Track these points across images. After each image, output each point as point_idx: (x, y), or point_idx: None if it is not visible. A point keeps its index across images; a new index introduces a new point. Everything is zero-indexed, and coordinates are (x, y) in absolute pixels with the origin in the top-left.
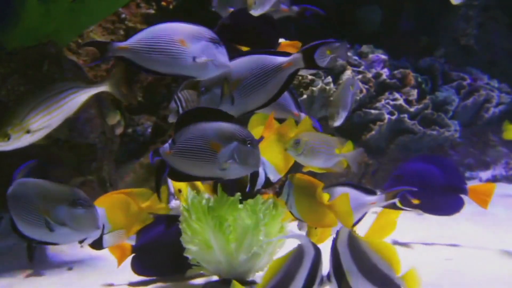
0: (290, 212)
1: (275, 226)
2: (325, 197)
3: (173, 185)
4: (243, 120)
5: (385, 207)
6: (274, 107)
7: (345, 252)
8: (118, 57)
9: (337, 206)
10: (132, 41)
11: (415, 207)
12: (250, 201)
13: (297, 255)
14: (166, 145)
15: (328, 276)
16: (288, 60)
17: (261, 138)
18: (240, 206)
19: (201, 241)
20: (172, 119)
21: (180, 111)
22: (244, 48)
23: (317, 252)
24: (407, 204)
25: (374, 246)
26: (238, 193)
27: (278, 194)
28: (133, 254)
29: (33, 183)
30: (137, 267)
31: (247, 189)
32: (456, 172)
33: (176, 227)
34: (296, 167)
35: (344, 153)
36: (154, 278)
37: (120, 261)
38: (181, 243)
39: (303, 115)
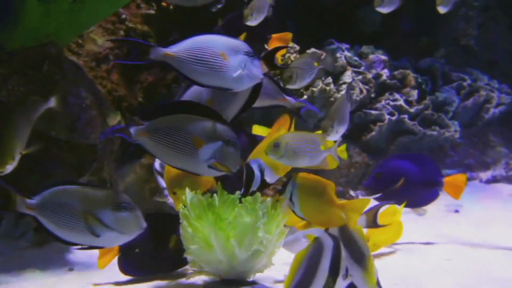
0: (293, 211)
1: (274, 224)
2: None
3: (167, 186)
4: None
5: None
6: (259, 98)
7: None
8: (161, 62)
9: (350, 207)
10: (179, 50)
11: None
12: (249, 198)
13: (317, 247)
14: (143, 126)
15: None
16: None
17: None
18: (239, 204)
19: (201, 239)
20: None
21: None
22: None
23: (337, 243)
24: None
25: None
26: (238, 191)
27: (280, 192)
28: (119, 254)
29: (74, 189)
30: (124, 267)
31: (242, 191)
32: (433, 167)
33: (161, 224)
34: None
35: (329, 148)
36: (154, 277)
37: (107, 261)
38: (166, 242)
39: (290, 99)
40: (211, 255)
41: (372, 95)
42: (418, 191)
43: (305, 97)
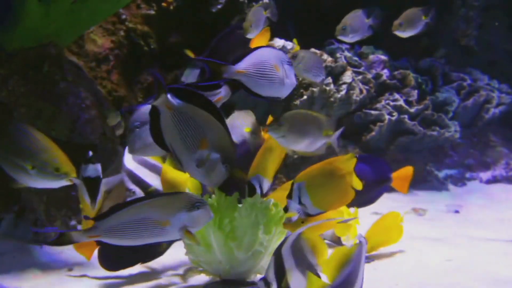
0: (308, 215)
1: (274, 224)
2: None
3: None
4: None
5: None
6: None
7: (288, 254)
8: (233, 80)
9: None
10: (246, 66)
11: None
12: (249, 199)
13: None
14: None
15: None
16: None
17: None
18: (239, 205)
19: (200, 239)
20: None
21: None
22: None
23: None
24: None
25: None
26: (237, 193)
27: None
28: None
29: (150, 202)
30: (104, 261)
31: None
32: (383, 165)
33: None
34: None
35: (329, 135)
36: (154, 277)
37: (88, 254)
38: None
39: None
40: (210, 255)
41: (374, 94)
42: (371, 190)
43: (305, 97)
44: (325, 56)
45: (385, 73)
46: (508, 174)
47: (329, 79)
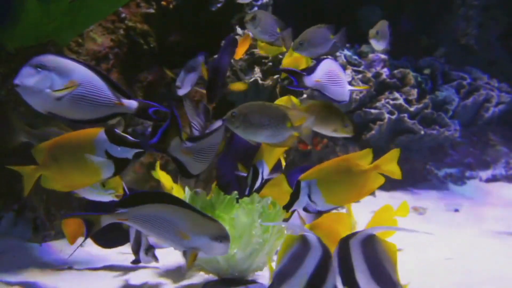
0: (318, 212)
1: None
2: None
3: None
4: None
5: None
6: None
7: (359, 258)
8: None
9: (384, 164)
10: (321, 75)
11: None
12: (246, 199)
13: (302, 243)
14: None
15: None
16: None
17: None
18: (237, 204)
19: None
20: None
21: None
22: None
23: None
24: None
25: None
26: (235, 192)
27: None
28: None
29: (184, 212)
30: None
31: (247, 192)
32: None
33: None
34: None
35: (297, 126)
36: (153, 275)
37: (74, 237)
38: None
39: (129, 102)
40: None
41: (373, 92)
42: None
43: (305, 96)
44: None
45: (385, 72)
46: (507, 173)
47: None
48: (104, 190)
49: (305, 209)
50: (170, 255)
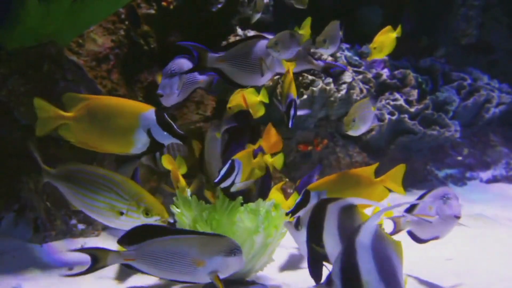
0: None
1: (275, 227)
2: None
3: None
4: None
5: None
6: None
7: (367, 257)
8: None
9: (390, 179)
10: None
11: None
12: (251, 204)
13: None
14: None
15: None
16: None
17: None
18: (241, 208)
19: None
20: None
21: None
22: None
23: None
24: None
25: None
26: (240, 197)
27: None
28: None
29: (191, 238)
30: None
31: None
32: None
33: None
34: None
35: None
36: (153, 278)
37: None
38: None
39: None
40: None
41: (374, 93)
42: None
43: (305, 96)
44: (325, 56)
45: (385, 72)
46: (508, 173)
47: (329, 79)
48: (149, 218)
49: None
50: None
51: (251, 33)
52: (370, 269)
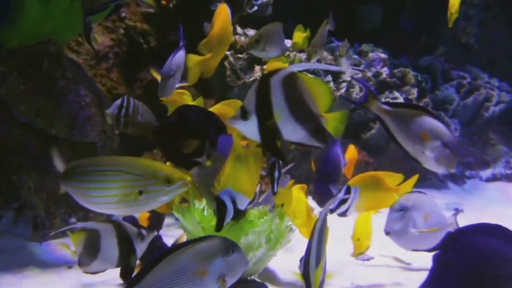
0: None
1: (279, 239)
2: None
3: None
4: None
5: None
6: None
7: (278, 90)
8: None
9: (405, 189)
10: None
11: None
12: (255, 214)
13: None
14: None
15: None
16: None
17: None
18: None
19: None
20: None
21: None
22: None
23: None
24: None
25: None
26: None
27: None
28: None
29: (184, 250)
30: None
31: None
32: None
33: None
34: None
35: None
36: None
37: None
38: None
39: None
40: None
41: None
42: None
43: None
44: (324, 54)
45: (385, 71)
46: (507, 172)
47: (329, 77)
48: (172, 186)
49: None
50: None
51: (250, 32)
52: (282, 105)
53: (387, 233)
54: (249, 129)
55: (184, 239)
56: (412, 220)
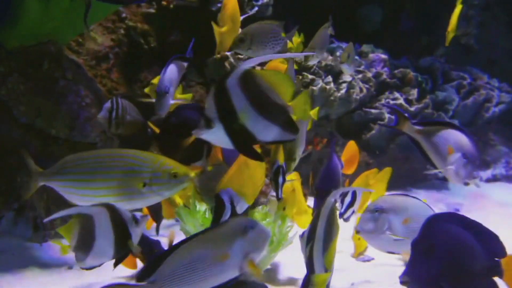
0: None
1: (280, 242)
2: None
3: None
4: None
5: None
6: None
7: (237, 91)
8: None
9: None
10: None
11: None
12: (257, 216)
13: None
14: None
15: None
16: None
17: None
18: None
19: None
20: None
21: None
22: None
23: None
24: None
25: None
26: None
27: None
28: None
29: (200, 238)
30: None
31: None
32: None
33: None
34: None
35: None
36: None
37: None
38: None
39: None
40: None
41: (374, 92)
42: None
43: None
44: (325, 55)
45: (385, 71)
46: (508, 173)
47: (329, 78)
48: (177, 180)
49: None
50: None
51: None
52: (245, 105)
53: (357, 231)
54: (217, 137)
55: (174, 236)
56: (388, 222)
